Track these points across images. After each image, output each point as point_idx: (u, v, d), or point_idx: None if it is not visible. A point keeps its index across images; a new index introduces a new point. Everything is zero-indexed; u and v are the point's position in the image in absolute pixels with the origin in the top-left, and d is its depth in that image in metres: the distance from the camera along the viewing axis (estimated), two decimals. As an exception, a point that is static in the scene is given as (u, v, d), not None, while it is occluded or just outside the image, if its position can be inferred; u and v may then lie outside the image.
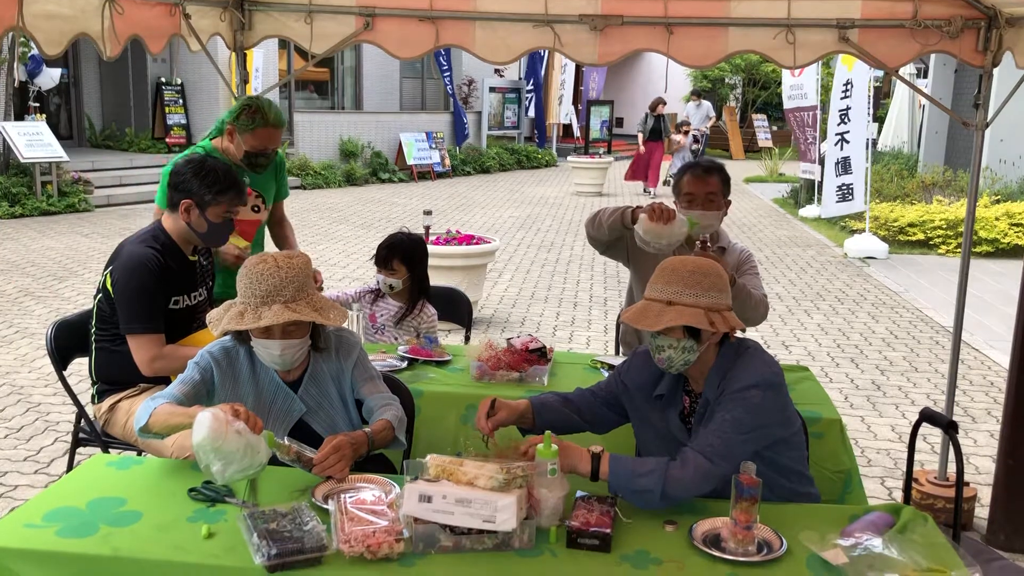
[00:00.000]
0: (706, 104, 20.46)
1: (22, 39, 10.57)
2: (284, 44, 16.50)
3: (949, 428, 2.83)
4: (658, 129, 16.62)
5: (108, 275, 3.09)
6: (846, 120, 11.00)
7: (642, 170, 16.92)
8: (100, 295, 3.13)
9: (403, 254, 3.89)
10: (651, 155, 16.78)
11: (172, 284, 3.11)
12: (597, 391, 2.67)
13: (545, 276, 9.33)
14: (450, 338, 5.53)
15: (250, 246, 3.95)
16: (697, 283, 2.38)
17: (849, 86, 11.01)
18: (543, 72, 21.92)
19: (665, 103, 17.12)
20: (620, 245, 3.66)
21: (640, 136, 16.79)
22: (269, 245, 4.03)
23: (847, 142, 11.07)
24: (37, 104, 13.22)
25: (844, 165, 11.12)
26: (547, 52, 19.95)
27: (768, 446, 2.41)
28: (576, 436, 2.47)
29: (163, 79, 16.23)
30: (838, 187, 11.27)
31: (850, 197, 11.26)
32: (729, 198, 3.58)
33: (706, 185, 3.50)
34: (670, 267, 2.44)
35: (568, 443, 2.32)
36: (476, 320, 7.19)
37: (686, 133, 17.10)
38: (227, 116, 3.76)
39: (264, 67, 15.48)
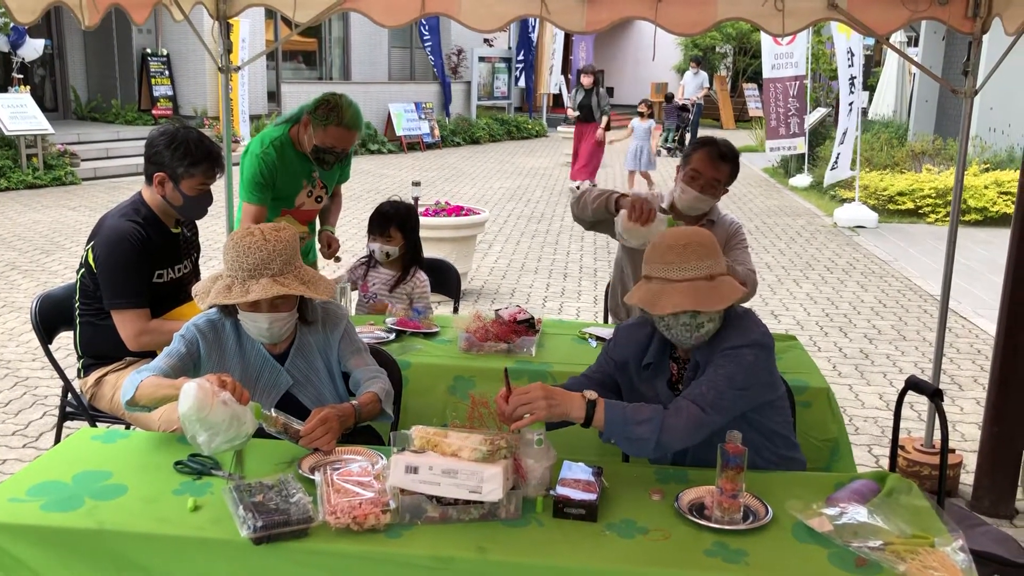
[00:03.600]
0: (703, 73, 19.99)
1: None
2: (271, 14, 16.31)
3: (934, 396, 2.84)
4: (588, 105, 12.53)
5: (90, 250, 3.05)
6: (853, 90, 10.93)
7: (573, 161, 13.07)
8: (83, 270, 3.10)
9: (398, 221, 3.90)
10: (579, 140, 12.87)
11: (155, 258, 3.08)
12: (590, 375, 2.65)
13: (535, 247, 9.31)
14: (439, 310, 5.52)
15: (307, 230, 4.05)
16: (715, 252, 2.41)
17: (851, 55, 10.93)
18: (536, 41, 21.72)
19: (593, 71, 12.98)
20: (606, 225, 3.65)
21: (570, 112, 13.06)
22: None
23: (851, 111, 11.01)
24: (21, 76, 13.04)
25: (843, 134, 11.07)
26: (538, 21, 19.82)
27: (755, 409, 2.43)
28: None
29: (148, 50, 16.04)
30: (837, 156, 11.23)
31: (836, 166, 11.25)
32: (728, 187, 3.56)
33: (716, 171, 3.47)
34: (693, 241, 2.40)
35: (561, 389, 2.32)
36: (466, 291, 7.18)
37: (644, 116, 12.65)
38: (308, 106, 3.79)
39: (251, 37, 15.30)
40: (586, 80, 12.71)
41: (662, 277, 2.38)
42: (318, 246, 4.20)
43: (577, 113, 12.62)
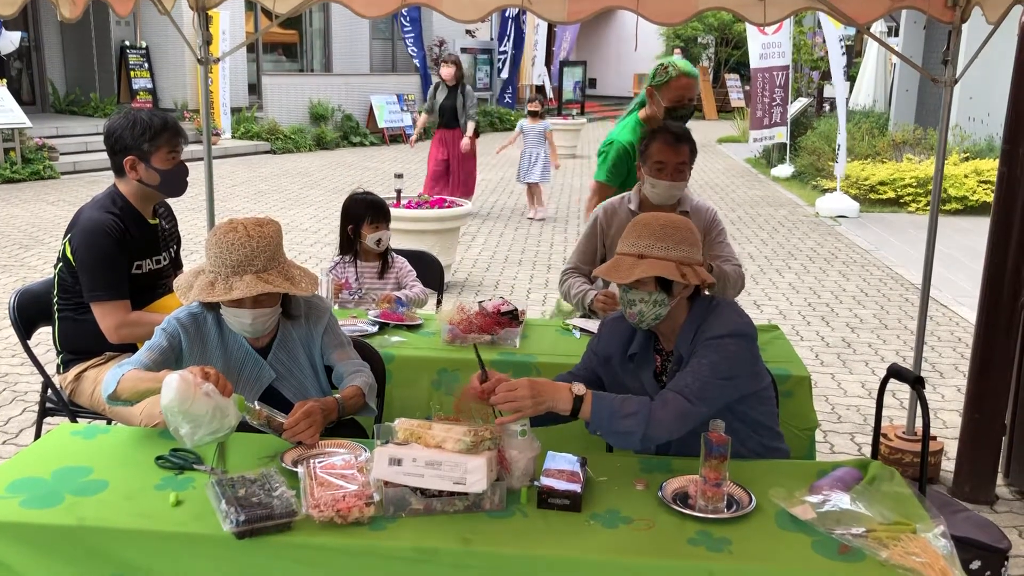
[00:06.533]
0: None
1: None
2: (251, 6, 16.19)
3: (915, 383, 2.85)
4: (451, 107, 9.36)
5: (67, 243, 3.03)
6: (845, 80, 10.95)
7: (429, 178, 9.61)
8: (60, 264, 3.08)
9: (385, 208, 4.00)
10: (443, 150, 9.51)
11: (133, 249, 3.06)
12: (576, 372, 2.66)
13: (519, 239, 9.30)
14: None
15: None
16: (668, 236, 2.39)
17: (842, 44, 10.96)
18: (525, 32, 21.67)
19: (457, 62, 9.48)
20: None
21: (420, 118, 10.11)
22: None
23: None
24: (-3, 69, 12.93)
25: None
26: (522, 12, 19.76)
27: (740, 400, 2.44)
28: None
29: (127, 42, 15.88)
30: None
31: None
32: (692, 166, 3.60)
33: (677, 155, 3.48)
34: (642, 223, 2.45)
35: (548, 380, 2.32)
36: (450, 284, 7.17)
37: (537, 115, 10.31)
38: (647, 83, 3.99)
39: (231, 29, 15.19)
40: (447, 73, 9.34)
41: (617, 252, 2.50)
42: None
43: (434, 116, 9.57)
